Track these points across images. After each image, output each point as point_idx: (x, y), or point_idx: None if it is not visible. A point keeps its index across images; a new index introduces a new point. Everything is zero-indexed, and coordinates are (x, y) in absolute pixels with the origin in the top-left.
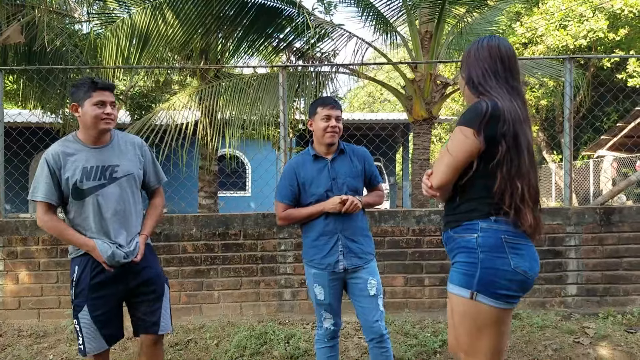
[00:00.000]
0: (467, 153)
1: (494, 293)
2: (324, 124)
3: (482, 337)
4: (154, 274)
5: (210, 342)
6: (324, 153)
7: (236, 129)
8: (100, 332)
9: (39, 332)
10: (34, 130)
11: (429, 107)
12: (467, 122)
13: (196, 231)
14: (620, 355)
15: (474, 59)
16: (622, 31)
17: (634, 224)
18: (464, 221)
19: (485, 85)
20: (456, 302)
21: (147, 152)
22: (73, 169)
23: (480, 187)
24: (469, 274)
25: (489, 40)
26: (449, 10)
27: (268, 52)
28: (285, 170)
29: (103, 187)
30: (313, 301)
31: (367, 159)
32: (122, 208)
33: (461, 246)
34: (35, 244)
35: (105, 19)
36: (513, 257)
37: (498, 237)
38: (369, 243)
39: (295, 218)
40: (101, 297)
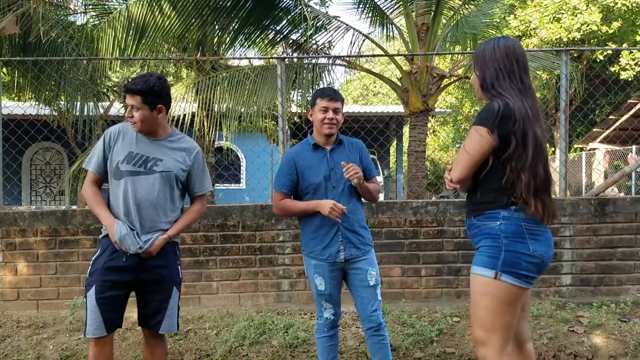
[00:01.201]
0: (482, 150)
1: (516, 273)
2: (322, 116)
3: (501, 314)
4: (167, 275)
5: (210, 332)
6: (323, 143)
7: (233, 121)
8: (102, 315)
9: (38, 323)
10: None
11: (425, 99)
12: (482, 122)
13: (195, 222)
14: (613, 344)
15: (489, 59)
16: (615, 24)
17: (628, 215)
18: (487, 210)
19: (497, 87)
20: (479, 282)
21: (199, 160)
22: (122, 149)
23: (498, 180)
24: (493, 256)
25: (505, 41)
26: (445, 2)
27: (264, 44)
28: (284, 159)
29: (138, 175)
30: (314, 292)
31: (363, 151)
32: (150, 200)
33: (485, 232)
34: (33, 235)
35: (102, 10)
36: (532, 242)
37: (519, 224)
38: (367, 234)
39: (290, 210)
40: (110, 281)
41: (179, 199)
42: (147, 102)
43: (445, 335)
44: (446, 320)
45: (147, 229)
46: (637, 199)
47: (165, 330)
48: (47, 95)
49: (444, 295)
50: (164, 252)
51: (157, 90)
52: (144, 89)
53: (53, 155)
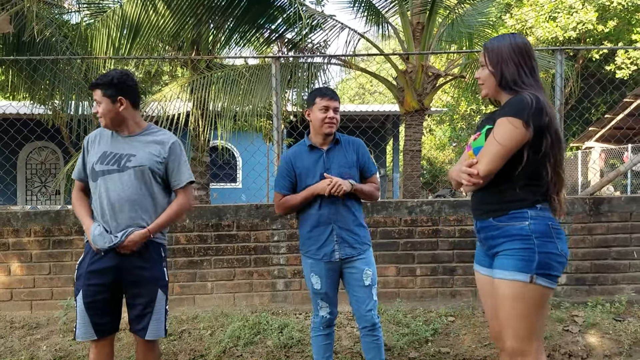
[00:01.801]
0: (516, 143)
1: (549, 274)
2: (322, 115)
3: (535, 318)
4: (149, 276)
5: (204, 332)
6: (320, 144)
7: (228, 120)
8: (90, 319)
9: (31, 324)
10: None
11: (420, 99)
12: (516, 114)
13: (189, 222)
14: (608, 343)
15: (507, 55)
16: (610, 23)
17: (623, 214)
18: (512, 210)
19: (520, 83)
20: (511, 288)
21: (176, 152)
22: (96, 151)
23: (525, 177)
24: (526, 259)
25: (521, 38)
26: (440, 1)
27: (259, 43)
28: (282, 161)
29: (111, 173)
30: (310, 291)
31: (361, 149)
32: (125, 198)
33: (511, 234)
34: (27, 236)
35: (96, 9)
36: (559, 241)
37: (546, 223)
38: (364, 233)
39: (291, 205)
40: (95, 285)
41: (161, 195)
42: (107, 94)
43: (440, 334)
44: (441, 319)
45: (123, 228)
46: (632, 198)
47: (152, 336)
48: (40, 94)
49: (439, 294)
50: (145, 252)
51: (116, 83)
52: (102, 82)
53: (47, 154)
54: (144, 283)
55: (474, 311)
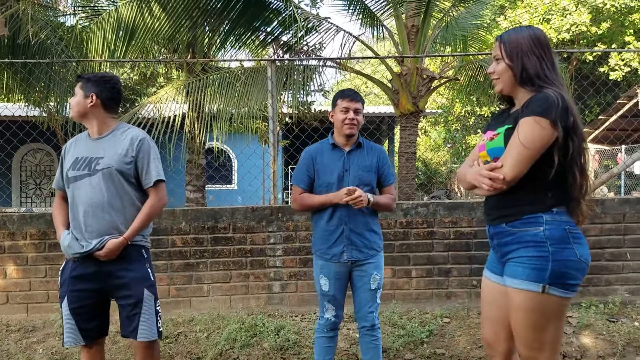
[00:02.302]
0: (543, 144)
1: (565, 284)
2: (343, 116)
3: (549, 329)
4: (133, 278)
5: (200, 334)
6: (342, 144)
7: (224, 122)
8: (77, 325)
9: (27, 327)
10: (16, 125)
11: (415, 101)
12: (543, 112)
13: (185, 225)
14: (602, 344)
15: (527, 48)
16: (604, 25)
17: (616, 216)
18: (525, 215)
19: (544, 77)
20: (522, 298)
21: (145, 149)
22: (71, 157)
23: (539, 179)
24: (539, 268)
25: (538, 30)
26: (435, 4)
27: (255, 46)
28: (303, 156)
29: (82, 178)
30: (318, 292)
31: (382, 156)
32: (95, 201)
33: (525, 240)
34: (23, 239)
35: (91, 11)
36: (577, 247)
37: (562, 228)
38: (375, 239)
39: (308, 204)
40: (79, 290)
41: (135, 195)
42: (83, 88)
43: (436, 336)
44: (436, 321)
45: (97, 233)
46: (625, 200)
47: (143, 337)
48: (36, 96)
49: (434, 296)
50: (126, 255)
51: (95, 80)
52: (85, 77)
53: (43, 156)
54: (129, 284)
55: (469, 312)
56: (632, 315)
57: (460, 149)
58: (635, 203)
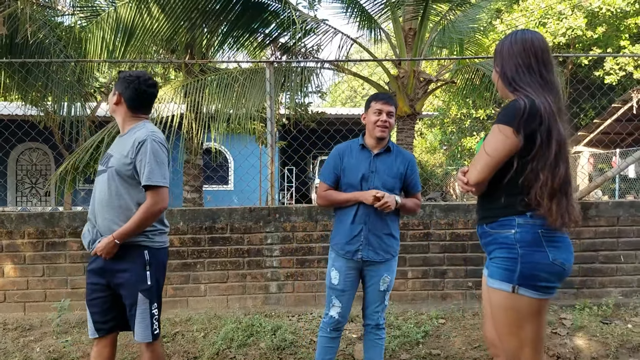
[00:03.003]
0: (505, 151)
1: (535, 285)
2: (375, 118)
3: (525, 328)
4: (127, 279)
5: (197, 334)
6: (372, 146)
7: (221, 123)
8: (92, 317)
9: (24, 326)
10: (14, 123)
11: (412, 104)
12: (507, 121)
13: (183, 225)
14: (595, 346)
15: (507, 54)
16: (600, 29)
17: (610, 219)
18: (501, 217)
19: (519, 81)
20: (498, 297)
21: (145, 151)
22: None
23: (515, 184)
24: (509, 269)
25: (523, 34)
26: (432, 7)
27: (253, 47)
28: (333, 153)
29: (100, 174)
30: (327, 285)
31: (411, 164)
32: (102, 197)
33: (499, 242)
34: (20, 238)
35: (90, 11)
36: (551, 250)
37: (535, 232)
38: (393, 243)
39: (333, 200)
40: (92, 284)
41: (134, 197)
42: (115, 86)
43: (431, 337)
44: (432, 322)
45: (102, 228)
46: (619, 203)
47: (139, 338)
48: (33, 96)
49: (429, 297)
50: (124, 255)
51: (122, 78)
52: (120, 74)
53: (39, 156)
54: (125, 286)
55: (464, 314)
56: (625, 317)
57: (456, 151)
58: (629, 206)
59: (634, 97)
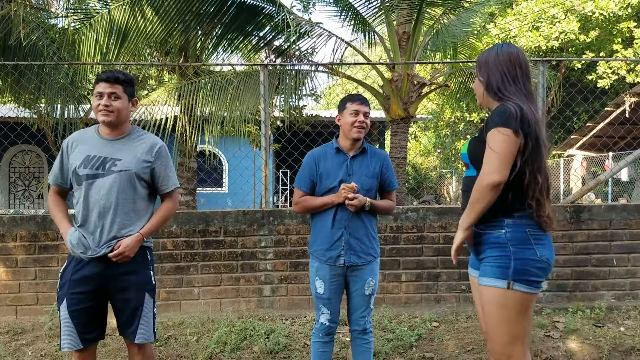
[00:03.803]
0: (511, 150)
1: (527, 280)
2: (352, 119)
3: (519, 322)
4: (135, 281)
5: (190, 338)
6: (347, 149)
7: (215, 126)
8: (75, 328)
9: (16, 329)
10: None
11: (406, 107)
12: (504, 123)
13: (176, 228)
14: (588, 348)
15: (493, 64)
16: (592, 33)
17: (603, 222)
18: (490, 219)
19: (504, 90)
20: (492, 294)
21: (163, 156)
22: (79, 154)
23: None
24: (503, 266)
25: (508, 47)
26: (426, 11)
27: (247, 50)
28: (307, 159)
29: (96, 177)
30: (313, 294)
31: (386, 162)
32: (110, 202)
33: (490, 242)
34: (13, 241)
35: (83, 14)
36: (538, 247)
37: (523, 231)
38: (373, 244)
39: (309, 206)
40: (79, 293)
41: (145, 201)
42: (127, 92)
43: (425, 340)
44: (425, 325)
45: (108, 233)
46: (612, 206)
47: (141, 339)
48: (26, 98)
49: (423, 300)
50: (132, 258)
51: (134, 84)
52: (126, 80)
53: (32, 158)
54: (131, 289)
55: (458, 317)
56: (617, 320)
57: (450, 154)
58: (621, 210)
59: (626, 100)
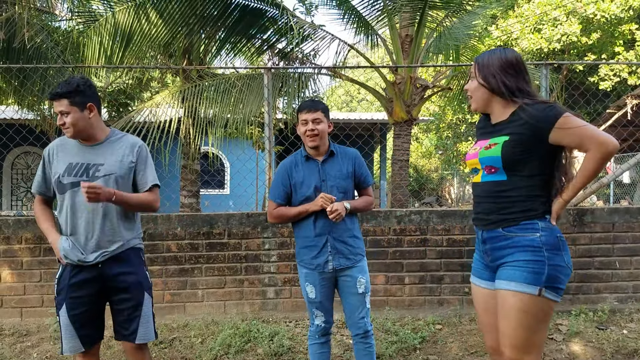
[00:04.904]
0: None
1: (557, 288)
2: (303, 129)
3: (539, 331)
4: (134, 281)
5: (195, 340)
6: (314, 155)
7: (219, 128)
8: (77, 332)
9: (21, 331)
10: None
11: (409, 109)
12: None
13: (180, 230)
14: (591, 351)
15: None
16: (594, 35)
17: (605, 225)
18: (522, 220)
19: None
20: (518, 300)
21: (142, 154)
22: (62, 162)
23: (539, 185)
24: (536, 272)
25: (512, 52)
26: (428, 14)
27: (251, 53)
28: (279, 170)
29: (73, 187)
30: (305, 299)
31: (357, 160)
32: (97, 207)
33: (522, 245)
34: (18, 243)
35: (88, 17)
36: (565, 254)
37: (555, 235)
38: (359, 244)
39: (285, 217)
40: (78, 297)
41: None
42: (75, 102)
43: (428, 342)
44: (429, 327)
45: (96, 239)
46: (615, 209)
47: (142, 339)
48: (30, 100)
49: (426, 303)
50: (127, 258)
51: (83, 89)
52: (69, 90)
53: (34, 159)
54: (130, 288)
55: (461, 319)
56: (620, 323)
57: (452, 156)
58: (624, 212)
59: (628, 103)
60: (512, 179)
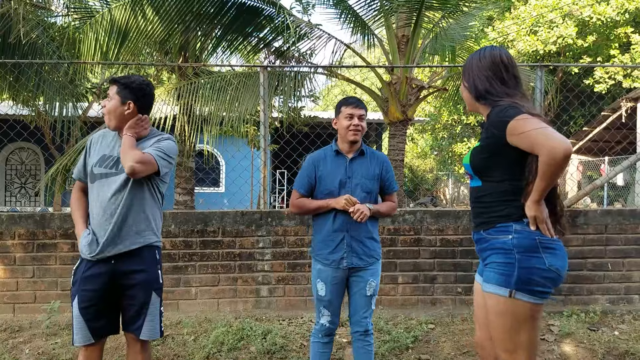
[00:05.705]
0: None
1: (531, 290)
2: (347, 122)
3: (521, 332)
4: (144, 279)
5: (188, 337)
6: (346, 151)
7: (214, 126)
8: (87, 324)
9: (14, 327)
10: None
11: (404, 110)
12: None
13: (174, 228)
14: (583, 352)
15: (477, 68)
16: (590, 38)
17: (598, 227)
18: (498, 223)
19: (495, 93)
20: (494, 302)
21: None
22: (98, 153)
23: (511, 190)
24: (506, 274)
25: (491, 50)
26: (425, 15)
27: (247, 51)
28: (307, 162)
29: (109, 177)
30: (314, 296)
31: (385, 164)
32: (119, 200)
33: (496, 247)
34: (11, 239)
35: (84, 13)
36: (547, 256)
37: (532, 238)
38: (375, 247)
39: (305, 208)
40: (90, 290)
41: (154, 200)
42: (120, 93)
43: (421, 342)
44: (421, 327)
45: (119, 231)
46: (607, 211)
47: (146, 335)
48: (25, 96)
49: (419, 302)
50: (141, 256)
51: (134, 87)
52: (122, 82)
53: (29, 155)
54: (138, 286)
55: (454, 319)
56: (612, 324)
57: (447, 156)
58: (616, 214)
59: (622, 105)
60: (485, 185)
